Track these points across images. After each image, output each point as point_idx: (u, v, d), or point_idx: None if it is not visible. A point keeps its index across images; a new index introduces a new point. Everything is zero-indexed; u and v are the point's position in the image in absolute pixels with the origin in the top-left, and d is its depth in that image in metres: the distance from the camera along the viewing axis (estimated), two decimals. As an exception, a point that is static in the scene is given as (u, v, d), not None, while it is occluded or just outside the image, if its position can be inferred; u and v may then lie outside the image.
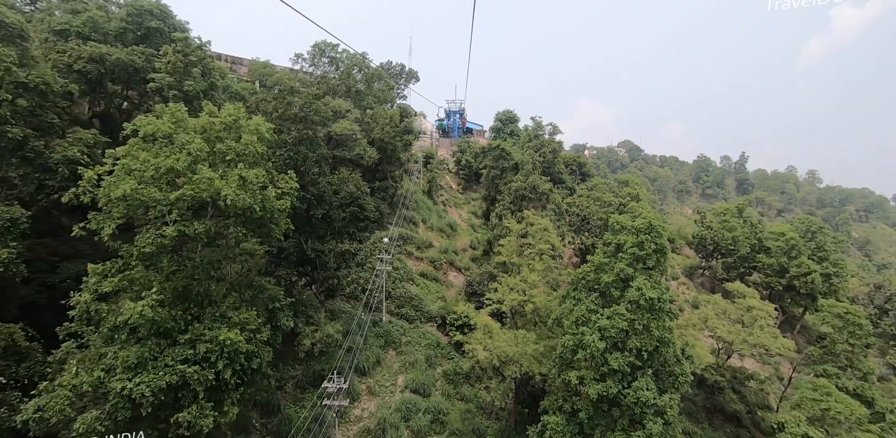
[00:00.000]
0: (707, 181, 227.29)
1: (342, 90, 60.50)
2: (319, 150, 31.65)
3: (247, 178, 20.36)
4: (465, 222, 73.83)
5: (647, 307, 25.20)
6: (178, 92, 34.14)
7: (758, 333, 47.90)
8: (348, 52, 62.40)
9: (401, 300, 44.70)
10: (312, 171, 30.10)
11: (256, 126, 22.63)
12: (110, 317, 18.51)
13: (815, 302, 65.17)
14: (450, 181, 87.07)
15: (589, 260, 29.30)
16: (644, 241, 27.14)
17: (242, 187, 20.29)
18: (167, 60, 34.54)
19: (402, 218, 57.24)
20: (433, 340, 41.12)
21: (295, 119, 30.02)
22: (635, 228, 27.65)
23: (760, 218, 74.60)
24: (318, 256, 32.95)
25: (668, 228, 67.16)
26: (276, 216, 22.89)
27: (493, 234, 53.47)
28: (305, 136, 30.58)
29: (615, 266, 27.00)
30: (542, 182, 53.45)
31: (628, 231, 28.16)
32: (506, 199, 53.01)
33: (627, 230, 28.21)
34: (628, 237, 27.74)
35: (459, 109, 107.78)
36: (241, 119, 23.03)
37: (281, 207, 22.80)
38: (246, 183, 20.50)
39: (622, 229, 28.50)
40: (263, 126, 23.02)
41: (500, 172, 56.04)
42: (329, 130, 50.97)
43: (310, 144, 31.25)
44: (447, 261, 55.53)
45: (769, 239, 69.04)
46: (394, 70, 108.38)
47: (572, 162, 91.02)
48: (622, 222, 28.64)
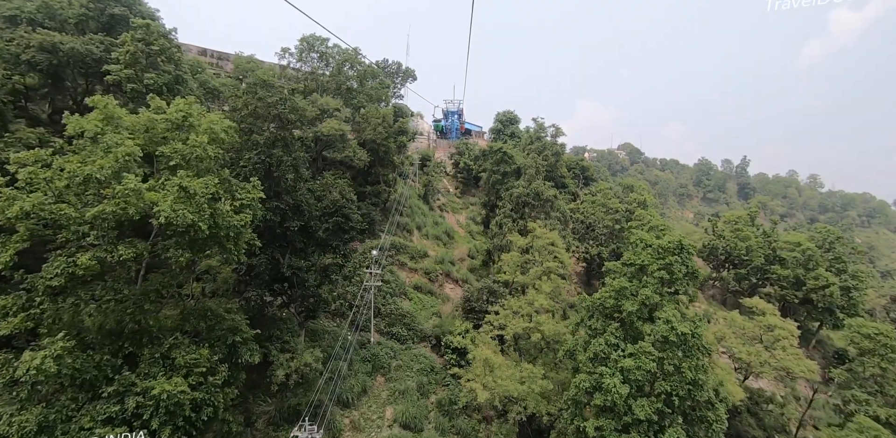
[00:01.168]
0: (708, 185, 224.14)
1: (332, 87, 56.44)
2: (297, 152, 27.55)
3: (190, 188, 16.22)
4: (462, 229, 69.76)
5: (678, 343, 21.21)
6: (138, 85, 30.03)
7: (780, 354, 44.04)
8: (340, 48, 58.32)
9: (391, 318, 40.59)
10: (288, 177, 26.02)
11: (210, 125, 18.48)
12: (4, 370, 14.35)
13: (833, 316, 61.46)
14: (447, 185, 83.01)
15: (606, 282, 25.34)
16: (673, 263, 23.17)
17: (184, 200, 16.16)
18: (126, 49, 30.41)
19: (395, 225, 53.16)
20: (426, 364, 37.01)
21: (268, 117, 25.93)
22: (663, 247, 23.67)
23: (773, 226, 70.73)
24: (296, 273, 28.84)
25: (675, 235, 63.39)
26: (234, 233, 18.75)
27: (493, 244, 49.47)
28: (280, 137, 26.48)
29: (640, 292, 23.00)
30: (546, 188, 49.49)
31: (654, 251, 24.17)
32: (507, 206, 49.01)
33: (652, 250, 24.22)
34: (653, 259, 23.76)
35: (458, 110, 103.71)
36: (192, 116, 18.89)
37: (239, 222, 18.66)
38: (190, 195, 16.36)
39: (646, 247, 24.52)
40: (219, 124, 18.93)
41: (501, 176, 52.06)
42: (316, 130, 46.96)
43: (285, 145, 27.16)
44: (443, 272, 51.45)
45: (784, 249, 65.29)
46: (390, 69, 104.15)
47: (575, 166, 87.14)
48: (646, 240, 24.66)
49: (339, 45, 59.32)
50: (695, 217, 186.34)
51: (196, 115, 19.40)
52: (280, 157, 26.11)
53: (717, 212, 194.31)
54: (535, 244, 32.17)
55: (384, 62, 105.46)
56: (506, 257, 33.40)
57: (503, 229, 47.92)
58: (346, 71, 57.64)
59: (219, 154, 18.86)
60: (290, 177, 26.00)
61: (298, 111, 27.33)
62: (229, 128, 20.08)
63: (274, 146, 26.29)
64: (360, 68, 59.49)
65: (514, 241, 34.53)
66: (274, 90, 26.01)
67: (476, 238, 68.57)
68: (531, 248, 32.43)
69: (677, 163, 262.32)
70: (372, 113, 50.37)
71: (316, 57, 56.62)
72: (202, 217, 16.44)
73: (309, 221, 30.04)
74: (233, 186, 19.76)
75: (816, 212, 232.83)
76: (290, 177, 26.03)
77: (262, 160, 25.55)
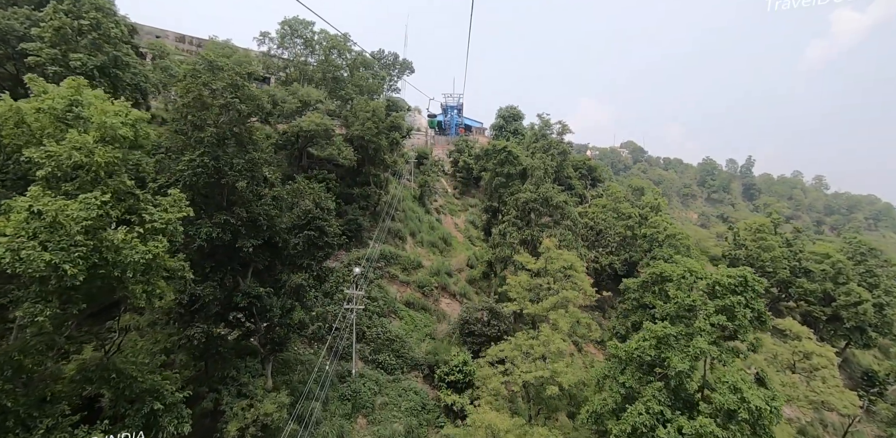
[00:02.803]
0: (713, 185, 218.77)
1: (318, 77, 50.65)
2: (256, 153, 21.92)
3: (49, 213, 10.64)
4: (461, 234, 64.27)
5: (750, 420, 15.79)
6: (62, 69, 24.30)
7: (820, 387, 38.81)
8: (327, 33, 52.48)
9: (378, 343, 35.15)
10: (240, 184, 20.46)
11: (102, 118, 12.85)
12: None
13: (864, 335, 56.29)
14: (445, 185, 77.37)
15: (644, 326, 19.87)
16: (735, 305, 17.72)
17: (44, 232, 10.58)
18: (49, 24, 24.64)
19: (385, 232, 47.62)
20: (417, 401, 31.60)
21: (215, 108, 20.30)
22: (721, 283, 18.20)
23: (796, 234, 65.39)
24: (254, 302, 23.33)
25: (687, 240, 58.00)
26: (138, 270, 13.20)
27: (495, 255, 44.01)
28: (232, 132, 20.85)
29: (692, 345, 17.54)
30: (555, 192, 43.96)
31: (708, 286, 18.71)
32: (511, 212, 43.48)
33: (706, 285, 18.75)
34: (708, 300, 18.29)
35: (457, 105, 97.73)
36: (83, 106, 13.25)
37: (144, 255, 13.09)
38: (53, 224, 10.78)
39: (696, 281, 19.05)
40: (116, 119, 13.25)
41: (504, 179, 46.48)
42: (294, 124, 41.26)
43: (239, 144, 21.53)
44: (439, 285, 45.98)
45: (810, 261, 60.04)
46: (386, 60, 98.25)
47: (582, 165, 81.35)
48: (697, 272, 19.17)
49: (328, 30, 53.54)
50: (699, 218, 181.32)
51: (93, 103, 13.76)
52: (229, 159, 20.49)
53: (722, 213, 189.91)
54: (549, 267, 26.75)
55: (380, 53, 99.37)
56: (513, 281, 27.97)
57: (507, 239, 42.44)
58: (335, 59, 51.84)
59: (116, 159, 13.27)
60: (242, 185, 20.37)
61: (255, 100, 21.69)
62: (139, 121, 14.46)
63: (222, 145, 20.66)
64: (349, 56, 53.68)
65: (524, 263, 28.97)
66: (222, 73, 20.40)
67: (476, 244, 63.10)
68: (545, 271, 27.00)
69: (681, 162, 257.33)
70: (360, 106, 44.66)
71: (300, 43, 50.77)
72: (70, 256, 10.91)
73: (273, 236, 24.51)
74: (139, 204, 14.16)
75: (822, 214, 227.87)
76: (243, 185, 20.41)
77: (206, 163, 19.94)
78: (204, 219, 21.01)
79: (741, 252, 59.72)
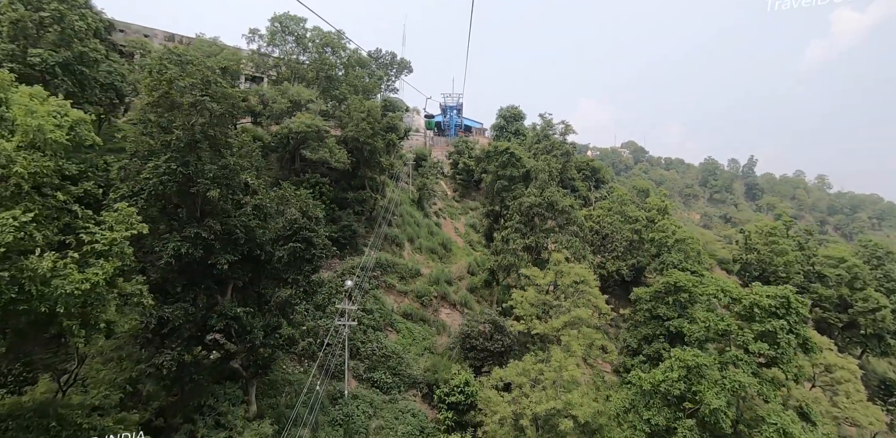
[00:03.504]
0: (715, 185, 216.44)
1: (311, 76, 48.38)
2: (232, 158, 19.61)
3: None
4: (461, 239, 61.93)
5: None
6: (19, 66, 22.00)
7: (844, 402, 36.50)
8: (320, 30, 50.22)
9: (372, 361, 32.84)
10: (211, 194, 18.14)
11: (28, 120, 10.54)
12: None
13: (882, 343, 53.98)
14: (445, 187, 75.04)
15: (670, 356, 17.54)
16: (778, 331, 15.43)
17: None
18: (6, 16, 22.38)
19: (381, 238, 45.33)
20: (415, 424, 29.27)
21: (184, 108, 17.99)
22: (759, 305, 15.91)
23: (808, 237, 63.12)
24: (231, 324, 21.02)
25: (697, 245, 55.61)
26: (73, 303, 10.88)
27: (498, 262, 41.70)
28: (204, 135, 18.53)
29: (727, 377, 15.24)
30: (560, 196, 41.63)
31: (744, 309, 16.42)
32: (515, 217, 41.16)
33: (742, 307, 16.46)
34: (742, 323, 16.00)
35: (457, 105, 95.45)
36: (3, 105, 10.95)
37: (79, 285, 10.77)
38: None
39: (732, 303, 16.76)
40: (48, 120, 10.95)
41: (507, 182, 44.17)
42: (283, 125, 38.99)
43: (213, 148, 19.23)
44: (439, 295, 43.65)
45: (824, 265, 57.77)
46: (384, 59, 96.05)
47: (585, 167, 79.01)
48: (731, 292, 16.91)
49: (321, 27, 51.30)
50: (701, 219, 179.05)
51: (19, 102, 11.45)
52: (201, 165, 18.18)
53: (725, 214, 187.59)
54: (560, 282, 24.42)
55: (377, 52, 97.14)
56: (518, 296, 25.65)
57: (510, 246, 40.14)
58: (328, 57, 49.57)
59: (45, 168, 10.98)
60: (214, 194, 18.04)
61: (229, 99, 19.37)
62: (80, 122, 12.17)
63: (193, 149, 18.34)
64: (344, 54, 51.41)
65: (532, 277, 26.61)
66: (191, 68, 18.10)
67: (476, 249, 60.76)
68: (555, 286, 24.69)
69: (682, 162, 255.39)
70: (355, 106, 42.35)
71: (292, 40, 48.49)
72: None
73: (253, 249, 22.21)
74: (78, 221, 11.86)
75: (825, 214, 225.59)
76: (215, 194, 18.07)
77: (173, 170, 17.63)
78: (173, 233, 18.70)
79: (752, 256, 57.44)
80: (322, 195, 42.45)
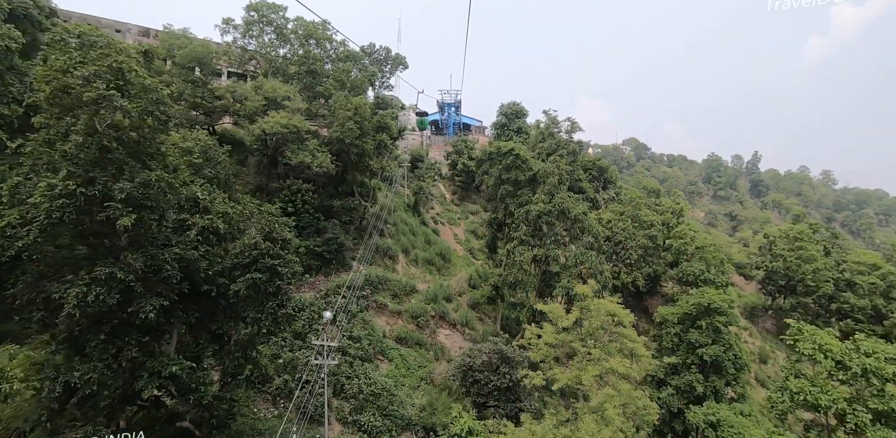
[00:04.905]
0: (719, 182, 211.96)
1: (293, 71, 43.53)
2: (156, 173, 14.88)
3: None
4: (461, 246, 57.35)
5: None
6: None
7: None
8: (303, 20, 45.36)
9: (359, 400, 28.22)
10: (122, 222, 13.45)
11: None
12: None
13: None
14: (443, 190, 70.37)
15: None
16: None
17: None
18: None
19: (373, 251, 40.68)
20: (409, 480, 24.73)
21: (87, 107, 13.30)
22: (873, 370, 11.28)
23: (833, 241, 58.54)
24: (167, 384, 16.36)
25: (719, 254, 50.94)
26: None
27: (503, 277, 37.05)
28: (119, 142, 13.84)
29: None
30: (572, 202, 36.96)
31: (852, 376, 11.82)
32: (522, 227, 36.49)
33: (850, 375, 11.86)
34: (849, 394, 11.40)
35: (455, 101, 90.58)
36: None
37: None
38: None
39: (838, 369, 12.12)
40: None
41: (512, 187, 39.49)
42: (255, 126, 34.23)
43: (134, 159, 14.52)
44: (436, 314, 39.07)
45: (854, 272, 53.25)
46: (377, 55, 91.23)
47: (592, 166, 74.26)
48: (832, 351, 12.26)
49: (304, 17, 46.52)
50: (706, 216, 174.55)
51: None
52: (110, 184, 13.50)
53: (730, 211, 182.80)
54: (587, 324, 19.76)
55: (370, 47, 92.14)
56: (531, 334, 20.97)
57: (516, 260, 35.49)
58: (311, 50, 44.76)
59: None
60: (125, 222, 13.36)
61: (151, 94, 14.64)
62: None
63: (100, 164, 13.66)
64: (329, 47, 46.58)
65: (553, 315, 21.78)
66: (93, 52, 13.39)
67: (478, 257, 56.18)
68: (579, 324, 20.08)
69: (685, 159, 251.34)
70: (340, 103, 37.58)
71: (270, 31, 43.65)
72: None
73: (199, 284, 17.56)
74: None
75: (832, 210, 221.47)
76: (127, 222, 13.38)
77: (71, 191, 12.97)
78: (78, 274, 14.03)
79: (778, 264, 52.84)
80: (305, 204, 37.81)
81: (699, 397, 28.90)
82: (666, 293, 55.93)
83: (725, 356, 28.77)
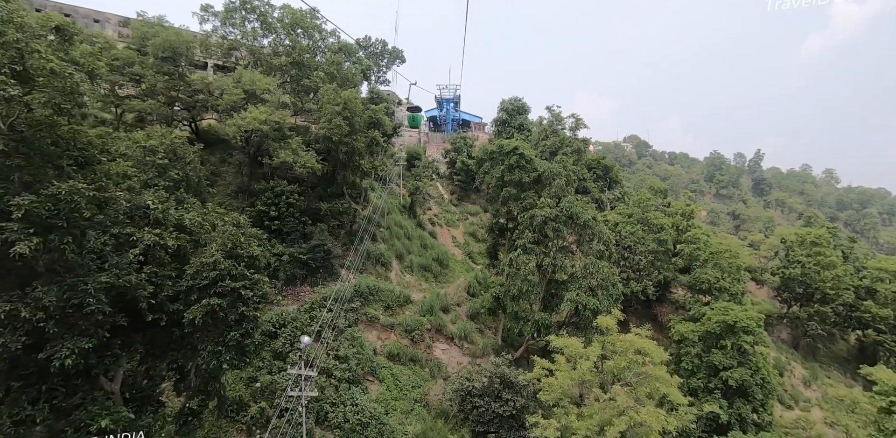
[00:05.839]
0: (722, 181, 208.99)
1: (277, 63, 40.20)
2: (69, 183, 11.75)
3: None
4: (459, 250, 54.28)
5: None
6: None
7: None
8: (289, 8, 42.00)
9: (345, 430, 25.18)
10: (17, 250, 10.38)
11: None
12: None
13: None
14: (441, 190, 67.16)
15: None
16: None
17: None
18: None
19: (364, 258, 37.58)
20: (399, 527, 21.76)
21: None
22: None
23: (851, 246, 55.62)
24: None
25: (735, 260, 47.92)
26: None
27: (505, 289, 34.02)
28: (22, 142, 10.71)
29: None
30: (581, 206, 33.89)
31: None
32: (526, 234, 33.42)
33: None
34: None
35: (454, 97, 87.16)
36: None
37: None
38: None
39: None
40: None
41: (515, 189, 36.39)
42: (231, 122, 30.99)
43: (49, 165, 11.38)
44: (432, 327, 36.05)
45: (873, 278, 50.36)
46: (373, 48, 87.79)
47: (596, 165, 71.05)
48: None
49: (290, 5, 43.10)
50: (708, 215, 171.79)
51: None
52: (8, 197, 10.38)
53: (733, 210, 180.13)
54: (614, 364, 16.64)
55: (366, 40, 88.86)
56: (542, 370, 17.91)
57: (519, 269, 32.44)
58: (299, 40, 41.42)
59: None
60: (21, 249, 10.25)
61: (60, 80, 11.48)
62: None
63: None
64: (318, 36, 43.25)
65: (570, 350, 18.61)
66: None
67: (478, 261, 53.15)
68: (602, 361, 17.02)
69: (687, 157, 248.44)
70: (328, 97, 34.35)
71: (254, 19, 40.30)
72: None
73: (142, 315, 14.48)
74: None
75: (835, 209, 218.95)
76: (24, 249, 10.28)
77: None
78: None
79: (796, 271, 49.88)
80: (290, 207, 34.65)
81: (723, 425, 26.04)
82: (676, 300, 53.03)
83: (752, 380, 25.92)
